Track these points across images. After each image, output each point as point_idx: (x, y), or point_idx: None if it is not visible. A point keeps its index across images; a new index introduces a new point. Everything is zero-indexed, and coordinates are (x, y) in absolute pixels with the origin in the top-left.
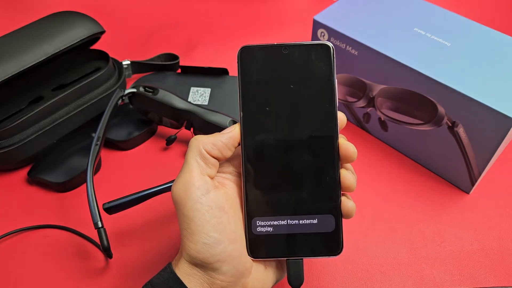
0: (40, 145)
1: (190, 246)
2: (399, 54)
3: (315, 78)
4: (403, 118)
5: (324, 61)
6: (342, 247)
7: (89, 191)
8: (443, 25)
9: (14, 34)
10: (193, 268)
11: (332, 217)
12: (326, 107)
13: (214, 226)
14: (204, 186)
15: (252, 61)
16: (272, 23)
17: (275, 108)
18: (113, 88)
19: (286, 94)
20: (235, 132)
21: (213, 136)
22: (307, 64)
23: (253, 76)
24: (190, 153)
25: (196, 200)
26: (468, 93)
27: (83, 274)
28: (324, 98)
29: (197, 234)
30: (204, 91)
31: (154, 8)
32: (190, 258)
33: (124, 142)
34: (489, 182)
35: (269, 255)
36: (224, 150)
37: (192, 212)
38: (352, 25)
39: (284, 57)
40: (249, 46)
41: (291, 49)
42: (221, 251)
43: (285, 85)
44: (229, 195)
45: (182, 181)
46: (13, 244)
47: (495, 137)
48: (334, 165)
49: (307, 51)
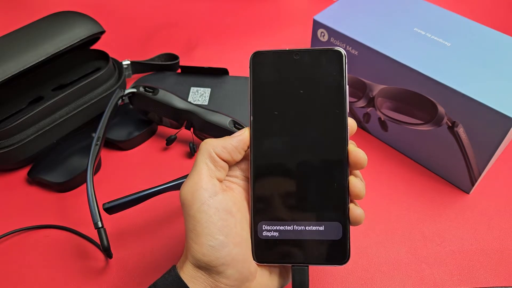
0: (40, 145)
1: (196, 249)
2: (399, 54)
3: (326, 84)
4: (403, 118)
5: (336, 67)
6: (349, 256)
7: (89, 191)
8: (443, 25)
9: (14, 34)
10: (198, 271)
11: (339, 225)
12: (336, 113)
13: (221, 229)
14: (212, 189)
15: (264, 66)
16: (272, 23)
17: (285, 113)
18: (113, 88)
19: (297, 100)
20: (245, 136)
21: (224, 139)
22: (319, 70)
23: (264, 81)
24: (200, 156)
25: (204, 201)
26: (468, 93)
27: (83, 274)
28: (335, 104)
29: (203, 236)
30: (204, 91)
31: (154, 8)
32: (195, 261)
33: (124, 142)
34: (489, 182)
35: (274, 260)
36: (234, 153)
37: (199, 213)
38: (352, 25)
39: (296, 63)
40: (261, 51)
41: (303, 55)
42: (226, 254)
43: (296, 91)
44: (237, 198)
45: (191, 183)
46: (13, 244)
47: (495, 137)
48: (343, 171)
49: (319, 57)
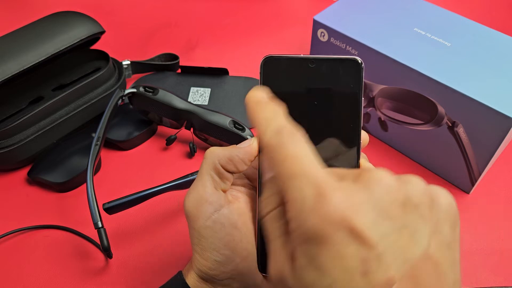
0: (40, 145)
1: (201, 262)
2: (399, 54)
3: (341, 95)
4: (403, 118)
5: (352, 77)
6: None
7: (89, 191)
8: (443, 25)
9: (14, 34)
10: (203, 283)
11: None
12: (350, 126)
13: (226, 244)
14: (217, 202)
15: (275, 72)
16: (272, 23)
17: (296, 123)
18: (113, 88)
19: (309, 109)
20: (253, 147)
21: (230, 149)
22: (335, 80)
23: (275, 88)
24: (205, 166)
25: (209, 216)
26: (468, 93)
27: (83, 274)
28: (349, 117)
29: (209, 251)
30: (204, 91)
31: (154, 8)
32: (200, 273)
33: (124, 142)
34: (489, 182)
35: None
36: (240, 165)
37: (204, 229)
38: (352, 25)
39: (310, 71)
40: (273, 56)
41: (319, 63)
42: (232, 268)
43: (309, 100)
44: (242, 209)
45: (195, 195)
46: (13, 244)
47: (495, 137)
48: None
49: (335, 66)
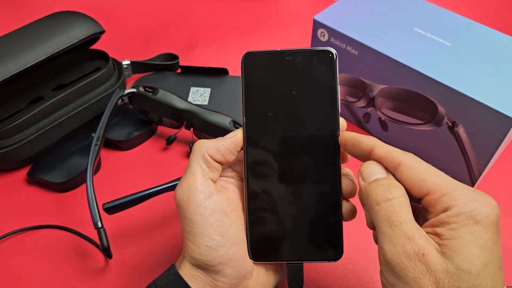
0: (40, 145)
1: (193, 249)
2: (399, 54)
3: (317, 84)
4: (403, 118)
5: (327, 67)
6: (342, 252)
7: (89, 191)
8: (443, 25)
9: (14, 34)
10: (196, 270)
11: (332, 222)
12: (328, 113)
13: (217, 229)
14: (207, 190)
15: (255, 67)
16: (272, 23)
17: (277, 113)
18: (113, 88)
19: (289, 100)
20: (238, 137)
21: (217, 140)
22: (310, 70)
23: (256, 82)
24: (193, 157)
25: (199, 203)
26: (468, 93)
27: (83, 274)
28: (327, 104)
29: (200, 237)
30: (204, 91)
31: (154, 8)
32: (193, 261)
33: (124, 142)
34: (489, 182)
35: (270, 258)
36: (227, 154)
37: (195, 215)
38: (352, 25)
39: (287, 63)
40: (253, 52)
41: (294, 55)
42: (224, 254)
43: (288, 91)
44: (232, 198)
45: (185, 184)
46: (13, 244)
47: (495, 137)
48: (335, 170)
49: (310, 57)
